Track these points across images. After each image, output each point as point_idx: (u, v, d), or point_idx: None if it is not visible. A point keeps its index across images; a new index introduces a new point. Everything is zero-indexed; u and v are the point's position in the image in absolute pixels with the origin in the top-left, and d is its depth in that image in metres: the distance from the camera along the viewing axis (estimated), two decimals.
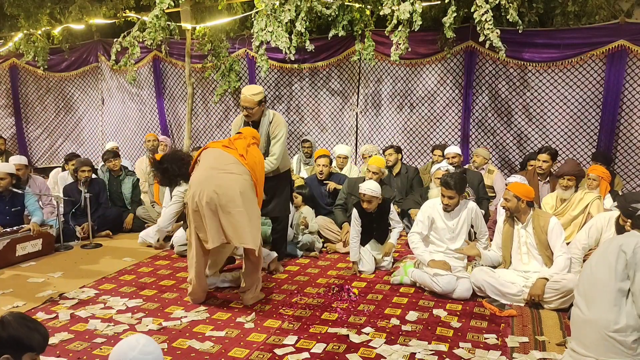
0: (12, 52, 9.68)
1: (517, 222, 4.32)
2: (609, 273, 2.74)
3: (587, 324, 2.79)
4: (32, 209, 5.67)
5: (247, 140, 4.29)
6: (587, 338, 2.79)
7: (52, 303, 4.24)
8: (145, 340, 2.11)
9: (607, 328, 2.70)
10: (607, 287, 2.74)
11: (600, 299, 2.75)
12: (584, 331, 2.82)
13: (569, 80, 7.09)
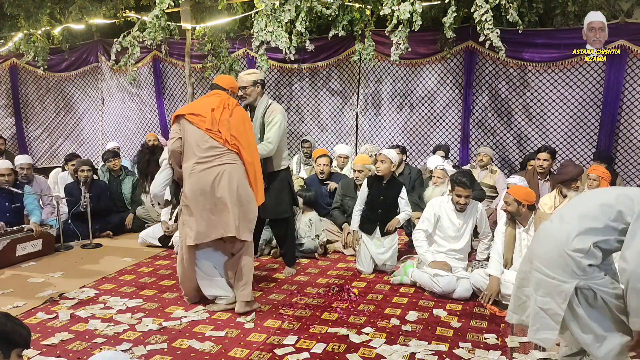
0: (12, 52, 9.68)
1: (519, 225, 4.30)
2: (600, 208, 2.60)
3: (551, 237, 2.69)
4: (31, 208, 5.68)
5: (221, 110, 4.02)
6: (544, 250, 2.71)
7: (52, 303, 4.24)
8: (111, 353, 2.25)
9: (567, 245, 2.59)
10: (588, 216, 2.61)
11: (574, 221, 2.63)
12: (543, 243, 2.74)
13: (569, 80, 7.09)
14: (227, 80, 4.35)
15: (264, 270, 5.10)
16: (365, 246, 5.00)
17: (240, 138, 4.00)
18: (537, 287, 2.71)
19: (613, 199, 2.60)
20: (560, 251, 2.61)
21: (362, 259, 5.01)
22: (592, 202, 2.68)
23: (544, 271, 2.66)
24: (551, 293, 2.64)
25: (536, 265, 2.72)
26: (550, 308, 2.65)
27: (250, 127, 4.20)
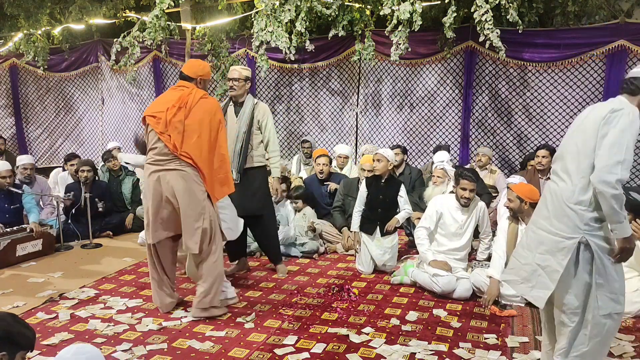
0: (12, 52, 9.68)
1: (521, 222, 4.30)
2: (585, 142, 2.64)
3: (554, 195, 2.74)
4: (29, 207, 5.68)
5: (175, 111, 3.75)
6: (549, 208, 2.75)
7: (52, 303, 4.24)
8: (82, 344, 2.26)
9: (569, 199, 2.64)
10: (580, 157, 2.65)
11: (574, 175, 2.66)
12: (549, 202, 2.77)
13: (569, 80, 7.09)
14: (196, 68, 3.97)
15: (264, 270, 5.10)
16: (365, 246, 4.99)
17: (193, 144, 3.72)
18: (538, 244, 2.75)
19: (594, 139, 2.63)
20: (564, 206, 2.66)
21: (362, 259, 5.01)
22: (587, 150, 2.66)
23: (548, 228, 2.71)
24: (552, 250, 2.67)
25: (540, 223, 2.77)
26: (549, 265, 2.68)
27: (214, 125, 3.81)
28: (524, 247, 2.85)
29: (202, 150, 3.75)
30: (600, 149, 2.55)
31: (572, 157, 2.69)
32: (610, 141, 2.52)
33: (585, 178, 2.60)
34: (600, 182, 2.50)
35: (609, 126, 2.55)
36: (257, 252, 5.51)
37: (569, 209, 2.64)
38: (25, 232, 5.41)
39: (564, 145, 2.80)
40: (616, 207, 2.49)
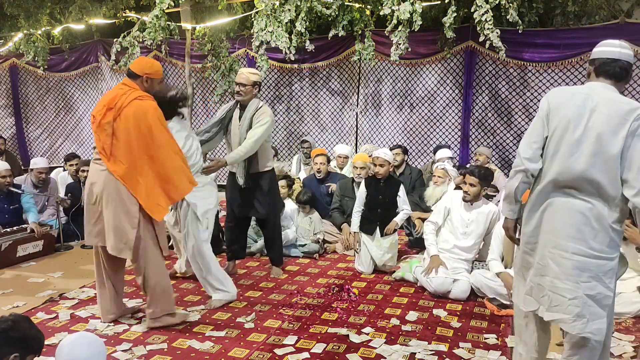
0: (12, 52, 9.68)
1: None
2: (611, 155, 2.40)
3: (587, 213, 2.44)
4: (27, 207, 5.69)
5: (104, 112, 3.51)
6: (581, 229, 2.45)
7: (52, 303, 4.24)
8: (84, 332, 2.30)
9: (611, 218, 2.43)
10: (610, 173, 2.40)
11: (607, 186, 2.42)
12: (577, 222, 2.46)
13: (569, 81, 7.09)
14: (143, 64, 3.66)
15: (264, 270, 5.10)
16: (365, 247, 4.99)
17: (122, 149, 3.46)
18: (580, 273, 2.44)
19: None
20: (606, 226, 2.43)
21: (362, 259, 5.00)
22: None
23: (587, 252, 2.44)
24: (597, 275, 2.43)
25: (573, 247, 2.45)
26: (599, 292, 2.44)
27: (143, 130, 3.45)
28: (562, 279, 2.47)
29: (132, 156, 3.46)
30: (636, 162, 2.34)
31: (599, 171, 2.40)
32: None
33: (619, 192, 2.40)
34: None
35: (636, 135, 2.35)
36: (257, 253, 5.51)
37: (611, 230, 2.44)
38: (26, 232, 5.41)
39: (573, 148, 2.45)
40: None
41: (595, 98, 2.45)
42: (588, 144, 2.41)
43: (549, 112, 2.52)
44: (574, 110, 2.46)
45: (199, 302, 4.22)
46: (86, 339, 2.18)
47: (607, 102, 2.43)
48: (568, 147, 2.45)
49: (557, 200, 2.50)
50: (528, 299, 2.62)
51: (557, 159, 2.47)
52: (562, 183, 2.48)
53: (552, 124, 2.51)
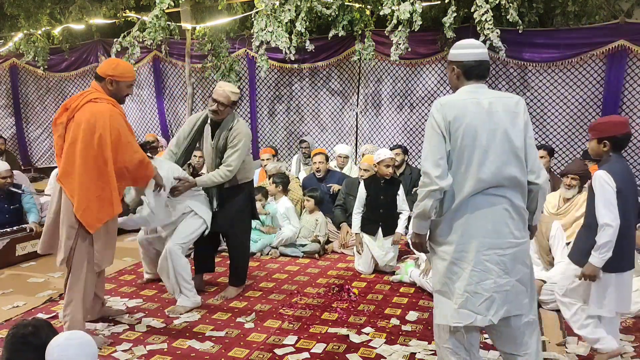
0: (12, 52, 9.67)
1: None
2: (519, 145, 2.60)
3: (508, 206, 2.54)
4: (28, 207, 5.68)
5: (60, 112, 3.43)
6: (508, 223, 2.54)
7: (52, 303, 4.24)
8: (74, 331, 2.26)
9: (523, 206, 2.60)
10: (522, 162, 2.59)
11: (520, 177, 2.59)
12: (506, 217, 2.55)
13: (569, 80, 7.08)
14: (106, 66, 3.49)
15: (264, 270, 5.10)
16: (367, 247, 5.00)
17: (67, 152, 3.35)
18: (514, 263, 2.52)
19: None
20: (521, 214, 2.58)
21: (363, 260, 5.00)
22: None
23: (515, 242, 2.53)
24: (523, 260, 2.58)
25: (507, 242, 2.52)
26: (525, 273, 2.59)
27: (88, 134, 3.30)
28: (502, 275, 2.50)
29: (75, 161, 3.30)
30: (531, 148, 2.59)
31: (513, 166, 2.51)
32: (532, 137, 2.62)
33: (526, 180, 2.56)
34: (545, 181, 2.58)
35: (529, 123, 2.61)
36: (257, 252, 5.51)
37: (524, 215, 2.58)
38: (25, 232, 5.41)
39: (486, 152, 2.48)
40: (543, 198, 2.62)
41: (485, 100, 2.51)
42: (498, 144, 2.48)
43: (448, 126, 2.47)
44: (474, 117, 2.47)
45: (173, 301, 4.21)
46: (77, 339, 2.15)
47: (497, 100, 2.52)
48: (481, 153, 2.47)
49: (480, 204, 2.50)
50: (462, 313, 2.50)
51: (473, 168, 2.47)
52: (483, 187, 2.48)
53: (456, 136, 2.47)
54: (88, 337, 2.20)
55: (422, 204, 2.51)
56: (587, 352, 3.38)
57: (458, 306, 2.50)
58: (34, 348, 2.18)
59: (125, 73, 3.53)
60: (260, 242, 5.56)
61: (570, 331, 3.67)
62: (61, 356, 2.07)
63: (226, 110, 4.18)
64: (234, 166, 4.15)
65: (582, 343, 3.50)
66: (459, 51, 2.58)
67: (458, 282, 2.52)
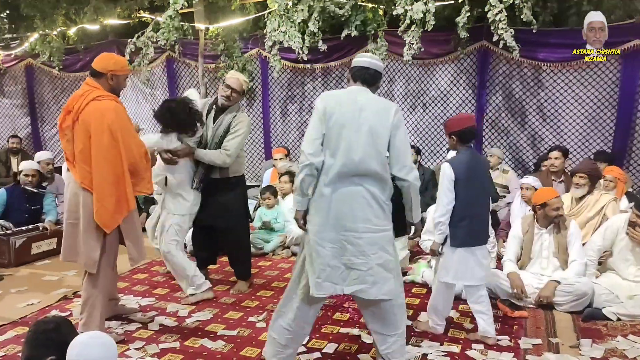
0: (28, 53, 9.77)
1: (540, 227, 4.27)
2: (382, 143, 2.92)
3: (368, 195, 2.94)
4: (48, 209, 5.74)
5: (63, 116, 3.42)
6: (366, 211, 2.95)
7: (66, 301, 4.29)
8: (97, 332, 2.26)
9: (383, 197, 3.01)
10: (383, 157, 2.92)
11: (381, 170, 2.92)
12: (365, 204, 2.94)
13: (583, 80, 7.02)
14: (106, 61, 3.46)
15: (276, 269, 5.11)
16: None
17: (80, 155, 3.33)
18: (370, 247, 2.89)
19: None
20: (381, 204, 2.97)
21: None
22: None
23: (373, 229, 2.93)
24: (383, 246, 2.95)
25: (363, 227, 2.90)
26: (386, 260, 2.95)
27: (97, 132, 3.30)
28: (357, 255, 2.89)
29: (90, 163, 3.31)
30: (399, 148, 2.87)
31: (374, 159, 2.84)
32: (404, 140, 2.91)
33: (388, 175, 2.92)
34: (415, 178, 2.91)
35: (400, 125, 2.88)
36: (269, 252, 5.52)
37: (385, 206, 2.94)
38: (40, 230, 5.47)
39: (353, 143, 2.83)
40: (417, 195, 3.00)
41: (361, 99, 2.89)
42: (363, 138, 2.82)
43: (324, 113, 2.85)
44: (347, 110, 2.85)
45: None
46: (98, 339, 2.17)
47: (371, 101, 2.90)
48: (347, 143, 2.82)
49: (342, 190, 2.85)
50: (324, 285, 2.86)
51: (339, 154, 2.82)
52: (346, 174, 2.83)
53: (329, 123, 2.84)
54: (110, 338, 2.21)
55: (298, 178, 2.90)
56: (602, 355, 3.36)
57: (322, 280, 2.86)
58: (55, 345, 2.20)
59: (124, 66, 3.56)
60: (272, 242, 5.57)
61: (584, 333, 3.66)
62: (81, 355, 2.08)
63: (237, 98, 4.36)
64: (232, 151, 4.22)
65: (596, 345, 3.47)
66: (355, 59, 3.05)
67: (319, 258, 2.86)
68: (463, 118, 3.60)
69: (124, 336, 3.61)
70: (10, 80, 10.48)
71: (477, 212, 3.51)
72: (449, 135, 3.57)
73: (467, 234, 3.47)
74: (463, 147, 3.53)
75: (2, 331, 3.68)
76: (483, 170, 3.64)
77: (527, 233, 4.31)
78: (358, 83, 2.98)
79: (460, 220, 3.45)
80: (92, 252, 3.39)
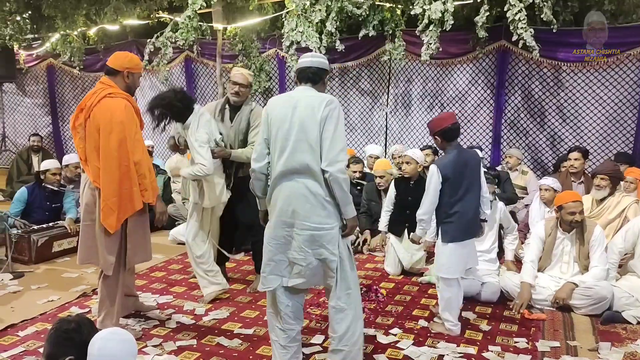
0: (49, 53, 9.94)
1: (563, 231, 4.22)
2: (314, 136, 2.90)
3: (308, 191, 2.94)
4: (68, 207, 5.80)
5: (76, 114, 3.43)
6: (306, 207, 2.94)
7: (85, 298, 4.34)
8: (117, 328, 2.25)
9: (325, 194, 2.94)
10: (315, 152, 2.89)
11: (315, 165, 2.89)
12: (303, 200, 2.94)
13: (604, 80, 6.93)
14: (122, 59, 3.46)
15: None
16: (393, 248, 4.97)
17: (91, 153, 3.34)
18: (309, 244, 2.92)
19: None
20: (320, 201, 2.91)
21: (390, 260, 4.98)
22: None
23: (312, 227, 2.91)
24: (322, 244, 2.92)
25: (301, 224, 2.92)
26: (326, 257, 2.94)
27: (107, 130, 3.30)
28: (298, 251, 2.93)
29: (99, 162, 3.31)
30: (327, 140, 2.84)
31: (306, 153, 2.86)
32: (335, 133, 2.84)
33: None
34: (338, 170, 2.83)
35: (330, 118, 2.85)
36: None
37: (326, 203, 2.90)
38: (62, 229, 5.53)
39: (287, 140, 2.89)
40: (347, 190, 2.89)
41: (296, 98, 2.95)
42: (296, 134, 2.87)
43: (266, 118, 2.99)
44: (283, 111, 2.93)
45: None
46: (118, 335, 2.19)
47: (304, 98, 2.93)
48: (284, 141, 2.90)
49: (284, 186, 2.94)
50: (270, 278, 3.00)
51: (279, 154, 2.92)
52: (286, 172, 2.91)
53: (272, 127, 2.95)
54: (130, 335, 2.23)
55: (250, 184, 3.11)
56: (621, 358, 3.31)
57: (267, 274, 3.01)
58: (76, 344, 2.22)
59: (139, 64, 3.58)
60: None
61: (603, 336, 3.61)
62: (102, 349, 2.11)
63: (246, 92, 4.39)
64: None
65: (615, 349, 3.43)
66: (299, 61, 3.08)
67: (265, 255, 3.02)
68: (443, 117, 3.66)
69: (142, 333, 3.65)
70: (31, 80, 10.66)
71: (466, 208, 3.60)
72: (434, 137, 3.64)
73: (456, 230, 3.58)
74: (450, 146, 3.60)
75: (22, 327, 3.74)
76: (472, 165, 3.65)
77: (549, 235, 4.25)
78: (302, 83, 3.02)
79: (449, 216, 3.57)
80: (107, 254, 3.41)
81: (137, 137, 3.40)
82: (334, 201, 2.91)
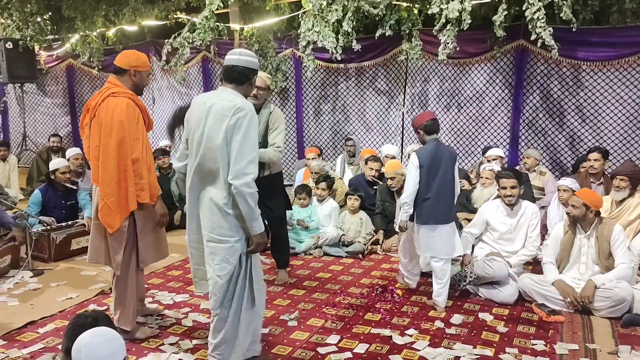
0: (69, 53, 10.07)
1: (580, 230, 4.17)
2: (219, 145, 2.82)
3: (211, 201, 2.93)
4: (83, 203, 5.86)
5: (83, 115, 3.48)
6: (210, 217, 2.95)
7: (103, 296, 4.38)
8: (100, 327, 2.19)
9: (227, 204, 2.84)
10: (223, 161, 2.83)
11: (221, 174, 2.84)
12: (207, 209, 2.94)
13: (625, 80, 6.82)
14: (129, 58, 3.45)
15: (307, 269, 5.12)
16: None
17: (94, 152, 3.36)
18: (212, 257, 2.91)
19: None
20: (222, 212, 2.85)
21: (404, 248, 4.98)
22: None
23: (216, 238, 2.91)
24: (225, 257, 2.89)
25: (207, 235, 2.94)
26: (227, 272, 2.90)
27: (108, 128, 3.31)
28: (204, 263, 3.01)
29: (100, 160, 3.32)
30: (234, 151, 2.72)
31: (210, 161, 2.81)
32: (242, 144, 2.72)
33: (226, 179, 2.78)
34: (244, 184, 2.72)
35: (239, 128, 2.73)
36: (300, 253, 5.54)
37: (226, 214, 2.82)
38: (80, 227, 5.60)
39: (198, 146, 2.85)
40: (253, 204, 2.77)
41: (212, 101, 2.83)
42: (205, 141, 2.80)
43: (188, 118, 2.95)
44: (198, 114, 2.85)
45: None
46: (101, 336, 2.10)
47: (218, 102, 2.80)
48: (197, 146, 2.85)
49: (194, 195, 2.94)
50: (200, 284, 3.11)
51: (194, 157, 2.86)
52: (196, 178, 2.89)
53: (190, 129, 2.91)
54: (112, 331, 2.17)
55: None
56: None
57: (198, 278, 3.12)
58: None
59: (146, 62, 3.55)
60: (304, 243, 5.59)
61: (623, 339, 3.56)
62: (90, 356, 2.04)
63: (264, 94, 4.39)
64: (282, 146, 4.40)
65: (635, 352, 3.38)
66: (226, 56, 2.97)
67: (191, 259, 3.14)
68: (424, 115, 4.15)
69: (159, 330, 3.67)
70: (51, 80, 10.81)
71: (439, 195, 4.00)
72: (416, 131, 4.13)
73: (429, 213, 4.02)
74: (430, 139, 4.08)
75: (42, 324, 3.79)
76: (446, 158, 4.05)
77: (566, 233, 4.20)
78: (226, 83, 2.90)
79: (423, 200, 4.01)
80: (115, 254, 3.42)
81: (137, 136, 3.34)
82: (234, 212, 2.82)
